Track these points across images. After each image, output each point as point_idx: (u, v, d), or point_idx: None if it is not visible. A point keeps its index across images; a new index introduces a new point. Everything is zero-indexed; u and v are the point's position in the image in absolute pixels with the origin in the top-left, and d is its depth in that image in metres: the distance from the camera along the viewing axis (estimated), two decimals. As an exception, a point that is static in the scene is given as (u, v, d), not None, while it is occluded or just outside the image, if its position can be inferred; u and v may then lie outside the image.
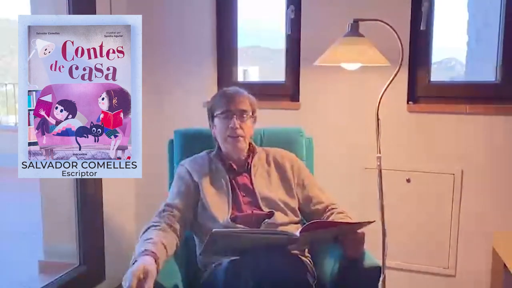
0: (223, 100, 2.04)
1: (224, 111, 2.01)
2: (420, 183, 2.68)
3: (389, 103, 2.43)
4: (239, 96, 2.04)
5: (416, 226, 2.71)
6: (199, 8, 2.94)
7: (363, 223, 1.70)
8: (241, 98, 2.04)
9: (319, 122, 2.76)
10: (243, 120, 2.01)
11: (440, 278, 2.72)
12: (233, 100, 2.02)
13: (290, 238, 1.68)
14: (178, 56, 2.98)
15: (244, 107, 2.03)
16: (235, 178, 2.03)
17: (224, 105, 2.02)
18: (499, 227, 2.60)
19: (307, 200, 2.05)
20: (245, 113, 2.02)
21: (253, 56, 4.30)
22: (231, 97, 2.04)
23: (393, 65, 2.26)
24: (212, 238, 1.57)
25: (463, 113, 2.59)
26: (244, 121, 2.01)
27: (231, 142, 2.01)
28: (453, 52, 3.32)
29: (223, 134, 2.01)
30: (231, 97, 2.03)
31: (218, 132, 2.05)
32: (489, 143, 2.58)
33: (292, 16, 2.76)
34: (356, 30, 2.24)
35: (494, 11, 2.62)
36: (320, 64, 2.31)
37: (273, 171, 2.08)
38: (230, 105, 2.01)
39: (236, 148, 2.02)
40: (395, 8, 2.57)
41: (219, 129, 2.04)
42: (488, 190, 2.60)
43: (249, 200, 1.98)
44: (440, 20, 2.65)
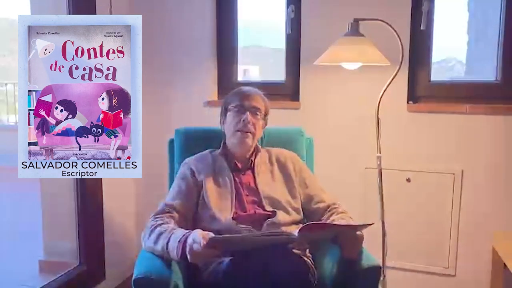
0: (239, 96, 2.06)
1: (238, 105, 2.03)
2: (420, 183, 2.68)
3: (389, 103, 2.44)
4: (255, 94, 2.07)
5: (416, 226, 2.71)
6: (199, 8, 2.94)
7: (362, 225, 1.71)
8: (256, 97, 2.07)
9: (319, 121, 2.76)
10: (256, 117, 2.03)
11: (440, 278, 2.72)
12: (248, 97, 2.05)
13: (288, 238, 1.68)
14: (178, 56, 2.98)
15: (258, 105, 2.05)
16: (239, 177, 2.04)
17: (239, 100, 2.04)
18: (499, 226, 2.60)
19: (309, 199, 2.05)
20: (258, 111, 2.05)
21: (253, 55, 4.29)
22: (247, 93, 2.07)
23: (393, 64, 2.26)
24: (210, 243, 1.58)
25: (463, 113, 2.59)
26: (256, 118, 2.03)
27: (239, 137, 2.02)
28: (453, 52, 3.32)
29: (234, 127, 2.03)
30: (247, 94, 2.06)
31: (228, 126, 2.06)
32: (489, 143, 2.58)
33: (292, 16, 2.76)
34: (356, 29, 2.25)
35: (494, 10, 2.62)
36: (320, 64, 2.32)
37: (276, 171, 2.09)
38: (244, 100, 2.04)
39: (243, 144, 2.03)
40: (395, 8, 2.57)
41: (229, 122, 2.05)
42: (488, 190, 2.60)
43: (252, 199, 1.99)
44: (440, 20, 2.65)
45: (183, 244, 1.65)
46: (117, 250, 2.97)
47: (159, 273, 1.68)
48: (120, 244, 3.01)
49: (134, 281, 1.65)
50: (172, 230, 1.76)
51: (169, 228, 1.77)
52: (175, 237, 1.70)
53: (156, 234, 1.77)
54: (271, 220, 1.91)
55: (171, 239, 1.71)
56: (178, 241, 1.67)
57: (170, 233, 1.73)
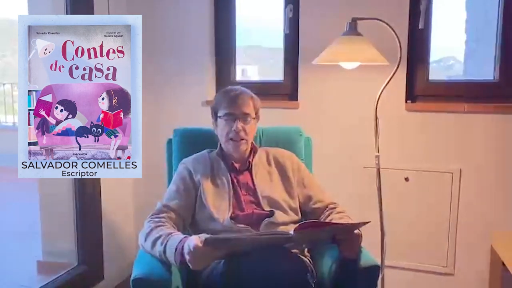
0: (226, 102, 2.00)
1: (227, 114, 1.99)
2: (419, 182, 2.68)
3: (387, 102, 2.44)
4: (243, 98, 2.01)
5: (415, 225, 2.72)
6: (198, 8, 2.94)
7: (359, 223, 1.71)
8: (245, 100, 2.01)
9: (317, 121, 2.77)
10: (246, 123, 2.00)
11: (439, 277, 2.73)
12: (236, 103, 1.99)
13: (284, 237, 1.68)
14: (178, 56, 2.98)
15: (247, 110, 2.00)
16: (236, 177, 2.03)
17: (227, 108, 1.99)
18: (498, 225, 2.60)
19: (307, 199, 2.05)
20: (249, 116, 2.01)
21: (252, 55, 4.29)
22: (234, 99, 2.00)
23: (392, 64, 2.27)
24: (206, 245, 1.57)
25: (462, 112, 2.59)
26: (247, 123, 2.00)
27: (232, 145, 2.01)
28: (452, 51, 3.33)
29: (226, 136, 2.01)
30: (235, 100, 2.00)
31: (220, 133, 2.05)
32: (487, 142, 2.58)
33: (290, 15, 2.76)
34: (354, 29, 2.25)
35: (492, 10, 2.62)
36: (319, 63, 2.32)
37: (274, 171, 2.09)
38: (233, 108, 1.99)
39: (237, 149, 2.02)
40: (393, 7, 2.57)
41: (221, 129, 2.03)
42: (487, 188, 2.61)
43: (250, 199, 1.99)
44: (438, 19, 2.66)
45: (181, 252, 1.63)
46: (116, 250, 2.96)
47: (158, 273, 1.67)
48: (118, 245, 3.00)
49: (132, 281, 1.64)
50: (168, 235, 1.73)
51: (165, 233, 1.74)
52: (171, 244, 1.68)
53: (152, 239, 1.75)
54: (268, 220, 1.91)
55: (167, 246, 1.68)
56: (175, 249, 1.65)
57: (166, 240, 1.71)
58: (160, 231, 1.77)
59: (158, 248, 1.71)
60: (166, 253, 1.68)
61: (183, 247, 1.63)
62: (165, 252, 1.69)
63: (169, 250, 1.67)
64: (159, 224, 1.82)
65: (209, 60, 2.98)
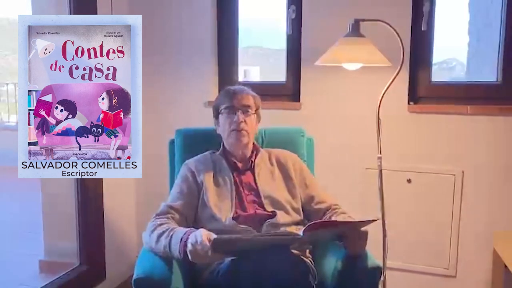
0: (227, 97, 2.08)
1: (228, 107, 2.04)
2: (421, 183, 2.67)
3: (390, 104, 2.43)
4: (242, 93, 2.08)
5: (417, 227, 2.71)
6: (200, 8, 2.94)
7: (366, 221, 1.71)
8: (244, 95, 2.08)
9: (319, 122, 2.76)
10: (247, 114, 2.04)
11: (441, 279, 2.72)
12: (236, 97, 2.06)
13: (294, 238, 1.68)
14: (179, 56, 2.98)
15: (248, 103, 2.06)
16: (239, 177, 2.04)
17: (228, 101, 2.06)
18: (500, 227, 2.59)
19: (309, 199, 2.05)
20: (249, 108, 2.06)
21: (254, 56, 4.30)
22: (234, 93, 2.08)
23: (394, 65, 2.26)
24: (214, 245, 1.58)
25: (464, 114, 2.58)
26: (248, 115, 2.04)
27: (234, 136, 2.03)
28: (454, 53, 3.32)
29: (228, 128, 2.04)
30: (235, 94, 2.07)
31: (222, 128, 2.08)
32: (490, 144, 2.57)
33: (293, 16, 2.76)
34: (357, 30, 2.25)
35: (495, 11, 2.62)
36: (321, 64, 2.32)
37: (276, 171, 2.09)
38: (234, 101, 2.05)
39: (239, 142, 2.03)
40: (396, 8, 2.56)
41: (223, 124, 2.07)
42: (489, 190, 2.60)
43: (253, 199, 1.99)
44: (441, 20, 2.65)
45: (184, 243, 1.65)
46: (118, 250, 2.96)
47: (160, 273, 1.68)
48: (120, 244, 3.01)
49: (134, 281, 1.65)
50: (173, 229, 1.76)
51: (170, 228, 1.78)
52: (177, 236, 1.71)
53: (157, 233, 1.78)
54: (270, 221, 1.91)
55: (172, 238, 1.71)
56: (180, 240, 1.67)
57: (172, 232, 1.74)
58: (166, 227, 1.80)
59: (163, 242, 1.73)
60: (171, 245, 1.70)
61: (189, 237, 1.65)
62: (169, 245, 1.70)
63: (174, 241, 1.70)
64: (164, 222, 1.84)
65: (211, 60, 2.98)
